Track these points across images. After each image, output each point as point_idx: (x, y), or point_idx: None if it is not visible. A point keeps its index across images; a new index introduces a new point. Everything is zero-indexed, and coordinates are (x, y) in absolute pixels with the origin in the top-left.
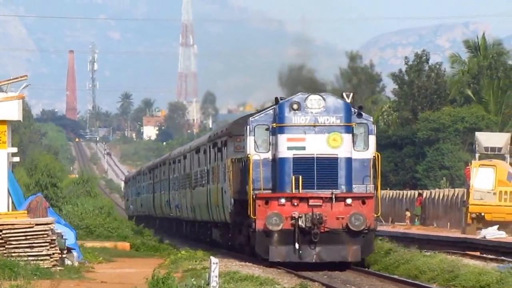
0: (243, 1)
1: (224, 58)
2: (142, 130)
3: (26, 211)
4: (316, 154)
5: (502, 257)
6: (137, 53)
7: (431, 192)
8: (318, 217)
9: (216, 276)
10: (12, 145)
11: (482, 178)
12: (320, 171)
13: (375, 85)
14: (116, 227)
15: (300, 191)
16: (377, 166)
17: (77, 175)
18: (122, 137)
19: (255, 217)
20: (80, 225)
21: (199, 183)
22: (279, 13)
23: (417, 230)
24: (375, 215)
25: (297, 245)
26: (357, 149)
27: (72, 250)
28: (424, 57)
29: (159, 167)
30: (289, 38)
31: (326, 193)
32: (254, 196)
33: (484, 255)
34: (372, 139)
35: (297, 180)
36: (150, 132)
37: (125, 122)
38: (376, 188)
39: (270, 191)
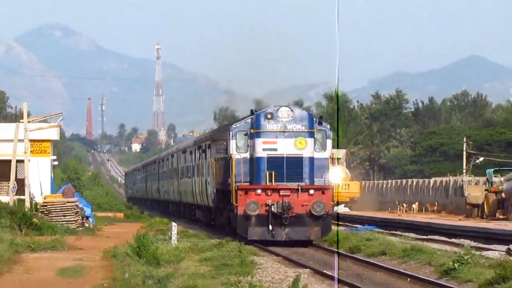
0: (193, 68)
1: (180, 103)
2: (131, 146)
3: (61, 194)
4: (286, 154)
5: (347, 223)
6: (128, 100)
7: None
8: (287, 204)
9: (175, 233)
10: (53, 154)
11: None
12: (288, 168)
13: None
14: (115, 204)
15: (273, 184)
16: (332, 164)
17: (91, 173)
18: (119, 150)
19: (237, 204)
20: (93, 202)
21: (185, 175)
22: (216, 75)
23: None
24: (332, 202)
25: (270, 227)
26: (317, 150)
27: (88, 218)
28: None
29: (151, 165)
30: (221, 91)
31: (294, 185)
32: (236, 187)
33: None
34: (329, 142)
35: (270, 175)
36: (136, 147)
37: (121, 141)
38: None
39: (248, 183)
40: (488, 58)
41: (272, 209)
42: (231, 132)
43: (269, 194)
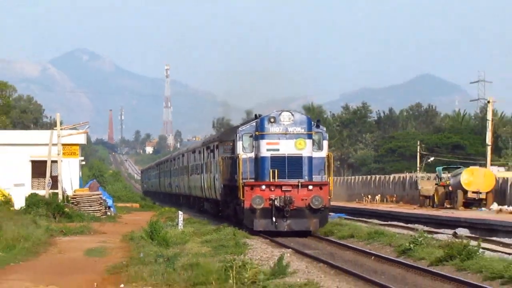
0: (196, 85)
1: (185, 114)
2: (145, 149)
3: (88, 188)
4: (287, 154)
5: None
6: (143, 111)
7: None
8: (288, 198)
9: (181, 220)
10: (81, 156)
11: None
12: (289, 166)
13: None
14: (132, 196)
15: (276, 180)
16: (329, 162)
17: (112, 171)
18: (135, 152)
19: (244, 199)
20: (114, 195)
21: (194, 172)
22: (214, 90)
23: None
24: (329, 197)
25: (273, 219)
26: (315, 150)
27: (110, 208)
28: None
29: (164, 163)
30: (218, 104)
31: (294, 181)
32: (243, 184)
33: None
34: (325, 143)
35: (273, 172)
36: (149, 150)
37: (137, 145)
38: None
39: (254, 180)
40: (437, 76)
41: (275, 203)
42: (238, 134)
43: (272, 189)
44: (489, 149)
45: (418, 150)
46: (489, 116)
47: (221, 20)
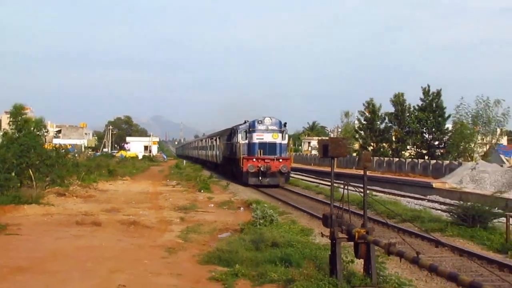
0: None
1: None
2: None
3: (160, 154)
4: (268, 141)
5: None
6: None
7: None
8: (268, 167)
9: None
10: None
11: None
12: (269, 148)
13: None
14: (173, 156)
15: (261, 156)
16: (289, 146)
17: (166, 149)
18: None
19: (243, 166)
20: (166, 155)
21: (210, 149)
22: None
23: None
24: (290, 166)
25: (260, 178)
26: (283, 139)
27: (164, 158)
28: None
29: (194, 143)
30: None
31: (272, 157)
32: (242, 157)
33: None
34: (287, 136)
35: (259, 152)
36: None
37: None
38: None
39: (247, 155)
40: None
41: (261, 169)
42: (238, 130)
43: (259, 161)
44: None
45: None
46: None
47: None
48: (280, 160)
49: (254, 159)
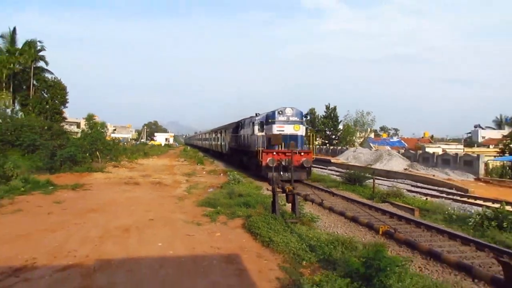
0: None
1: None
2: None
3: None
4: (289, 133)
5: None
6: None
7: None
8: (290, 161)
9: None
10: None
11: None
12: (290, 141)
13: None
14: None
15: (282, 150)
16: (311, 139)
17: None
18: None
19: (262, 159)
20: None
21: (214, 140)
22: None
23: None
24: (312, 159)
25: (281, 172)
26: (303, 132)
27: (176, 145)
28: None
29: (197, 135)
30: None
31: (294, 150)
32: (261, 150)
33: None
34: (307, 128)
35: (280, 145)
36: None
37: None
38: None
39: (266, 148)
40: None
41: (282, 163)
42: (255, 122)
43: (279, 155)
44: None
45: None
46: None
47: None
48: (302, 153)
49: (275, 153)
